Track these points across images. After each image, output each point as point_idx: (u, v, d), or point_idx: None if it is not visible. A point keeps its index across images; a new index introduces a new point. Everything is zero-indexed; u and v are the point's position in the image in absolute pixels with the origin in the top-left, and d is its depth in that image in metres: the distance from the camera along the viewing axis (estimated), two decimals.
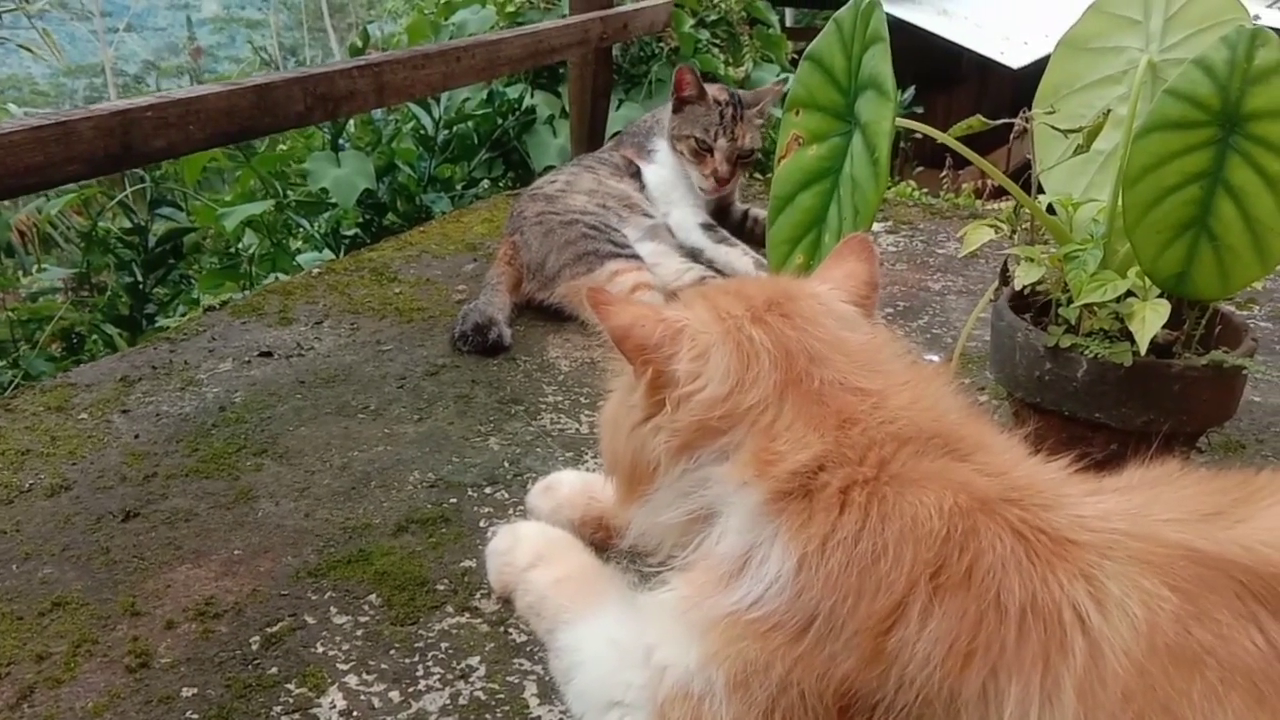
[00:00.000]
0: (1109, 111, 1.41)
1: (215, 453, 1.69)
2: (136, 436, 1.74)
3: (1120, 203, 1.49)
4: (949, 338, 2.16)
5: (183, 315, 3.35)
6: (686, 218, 2.55)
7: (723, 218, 2.72)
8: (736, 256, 2.46)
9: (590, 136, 3.22)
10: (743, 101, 2.58)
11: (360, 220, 3.63)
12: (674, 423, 1.00)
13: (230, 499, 1.56)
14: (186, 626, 1.28)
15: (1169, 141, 1.30)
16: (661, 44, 4.32)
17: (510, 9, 4.24)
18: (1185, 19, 1.50)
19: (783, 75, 4.77)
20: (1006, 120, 1.47)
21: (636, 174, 2.60)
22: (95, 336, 3.34)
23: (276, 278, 3.45)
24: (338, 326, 2.21)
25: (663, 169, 2.60)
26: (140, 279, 3.51)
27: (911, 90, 6.54)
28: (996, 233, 1.54)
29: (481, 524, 1.50)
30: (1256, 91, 1.23)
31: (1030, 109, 1.51)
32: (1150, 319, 1.33)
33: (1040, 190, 1.55)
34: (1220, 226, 1.30)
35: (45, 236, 4.11)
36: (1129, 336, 1.38)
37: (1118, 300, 1.39)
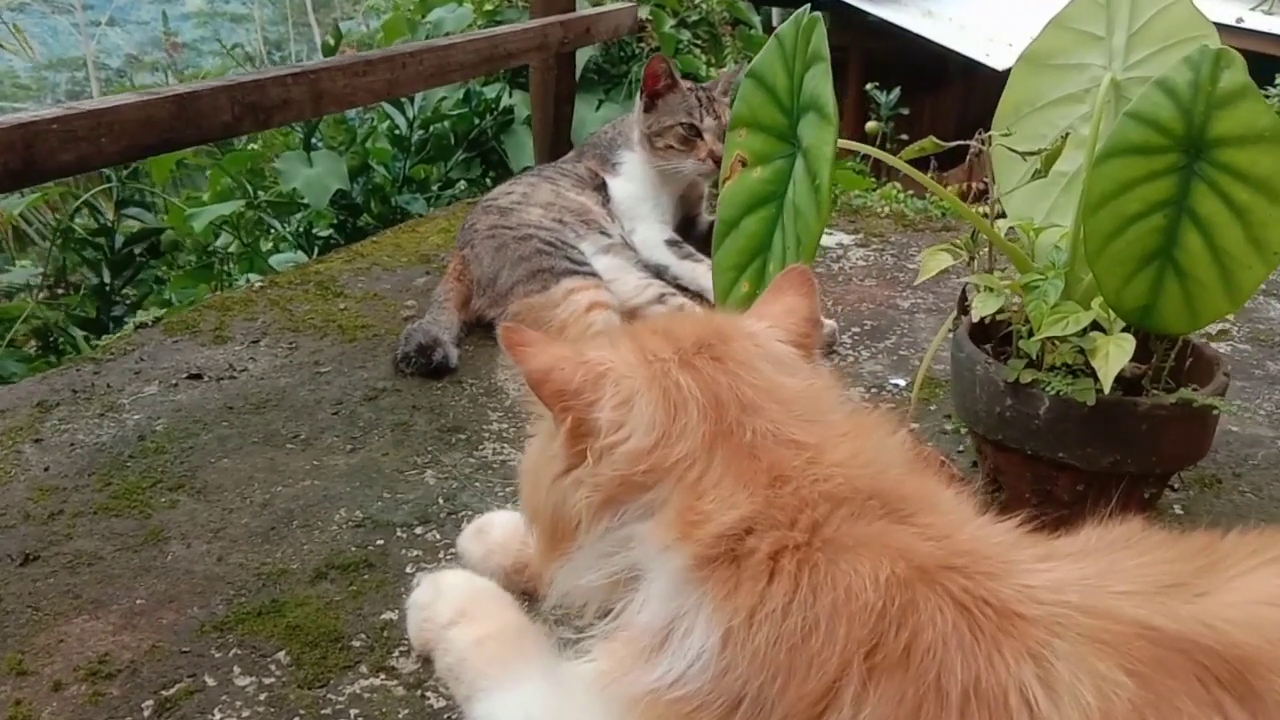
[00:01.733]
0: (1068, 134, 1.34)
1: (129, 487, 1.61)
2: (46, 469, 1.66)
3: (1078, 227, 1.43)
4: (916, 359, 2.09)
5: (154, 317, 3.29)
6: (652, 234, 2.48)
7: (689, 229, 2.65)
8: (702, 273, 2.39)
9: (554, 143, 3.14)
10: (707, 87, 2.53)
11: (334, 221, 3.58)
12: (595, 476, 0.93)
13: (139, 540, 1.48)
14: (75, 689, 1.20)
15: (1131, 167, 1.23)
16: (642, 44, 4.27)
17: (488, 7, 4.18)
18: (1149, 35, 1.43)
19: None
20: (963, 142, 1.40)
21: (601, 187, 2.52)
22: (62, 340, 3.28)
23: (248, 279, 3.37)
24: (275, 346, 2.13)
25: (629, 183, 2.53)
26: (107, 280, 3.43)
27: (896, 92, 6.50)
28: (955, 258, 1.47)
29: (408, 569, 1.42)
30: (1222, 116, 1.16)
31: (989, 129, 1.44)
32: (1114, 355, 1.27)
33: (1001, 214, 1.49)
34: (1186, 258, 1.23)
35: (20, 233, 4.02)
36: (1094, 371, 1.31)
37: (1081, 334, 1.33)
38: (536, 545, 1.07)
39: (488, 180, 3.80)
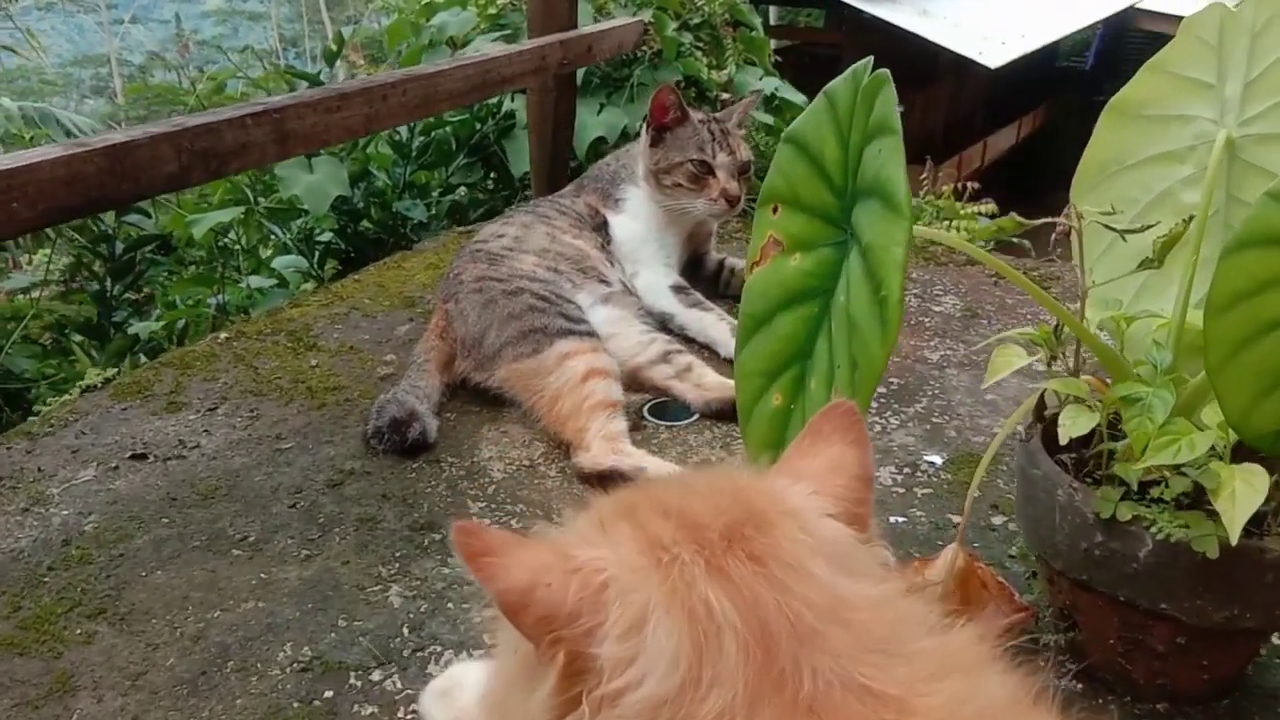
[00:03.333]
0: (1190, 219, 1.04)
1: (41, 613, 1.32)
2: None
3: (1184, 316, 1.13)
4: (951, 429, 1.80)
5: (157, 321, 3.18)
6: (656, 279, 2.18)
7: (696, 269, 2.35)
8: (711, 323, 2.09)
9: (552, 169, 2.84)
10: (720, 118, 2.22)
11: (335, 226, 3.37)
12: None
13: (42, 692, 1.19)
14: None
15: (1272, 262, 0.93)
16: (644, 47, 4.03)
17: (491, 10, 3.93)
18: (1272, 83, 1.13)
19: (764, 79, 4.50)
20: (1048, 220, 1.10)
21: (601, 226, 2.22)
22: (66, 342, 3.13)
23: (248, 284, 3.28)
24: (234, 414, 1.83)
25: (633, 221, 2.23)
26: (108, 287, 3.27)
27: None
28: (1030, 355, 1.17)
29: None
30: None
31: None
32: (1244, 496, 0.97)
33: (1088, 298, 1.18)
34: None
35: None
36: (1206, 502, 1.02)
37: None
38: None
39: (489, 182, 3.62)
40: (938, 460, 1.70)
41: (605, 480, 1.60)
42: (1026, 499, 1.18)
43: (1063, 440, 1.06)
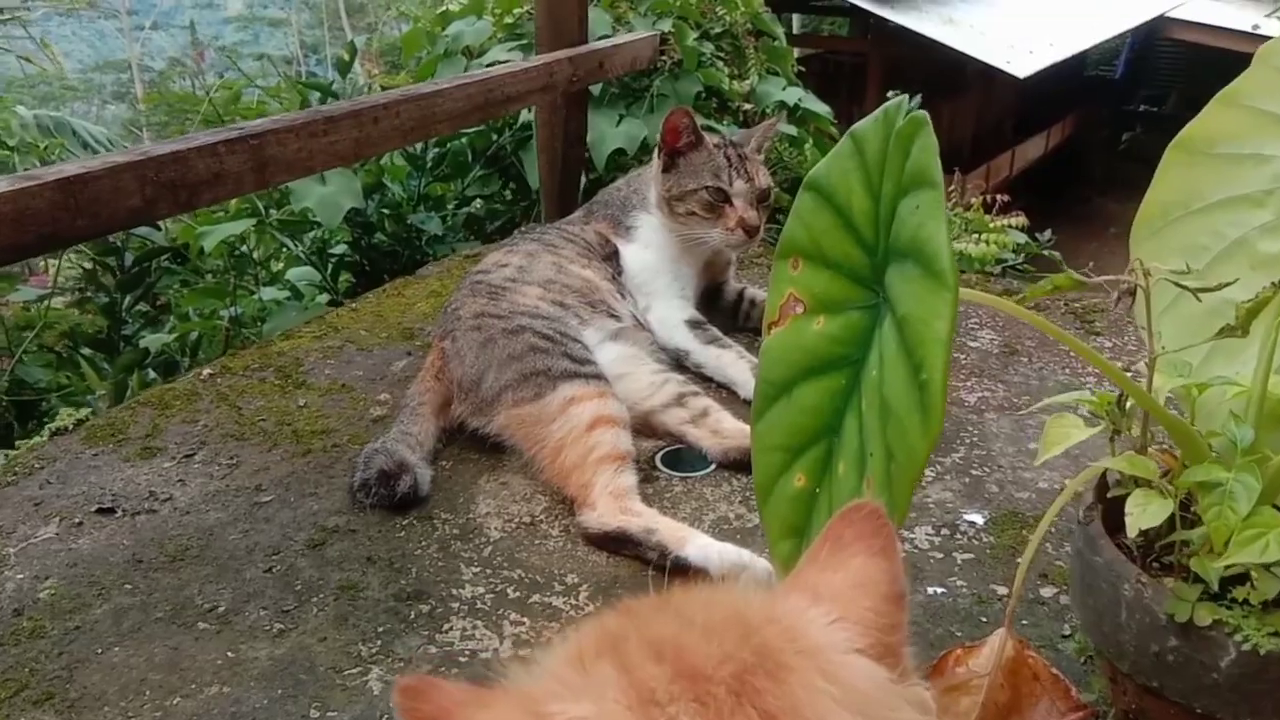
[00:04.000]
0: (1278, 286, 0.92)
1: None
2: None
3: (1265, 383, 1.00)
4: (992, 483, 1.67)
5: (170, 333, 3.18)
6: (671, 313, 2.06)
7: (714, 300, 2.24)
8: (730, 361, 1.97)
9: (562, 191, 2.73)
10: (737, 142, 2.10)
11: (349, 239, 3.34)
12: None
13: None
14: None
15: None
16: (664, 57, 3.96)
17: (508, 20, 3.87)
18: None
19: (787, 89, 4.42)
20: (1112, 278, 0.97)
21: (612, 256, 2.11)
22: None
23: (259, 296, 3.27)
24: (213, 461, 1.73)
25: (645, 250, 2.11)
26: (117, 299, 3.24)
27: (917, 99, 6.23)
28: (1090, 427, 1.04)
29: None
30: None
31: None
32: None
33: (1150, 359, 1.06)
34: None
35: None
36: None
37: None
38: None
39: (506, 193, 3.57)
40: (979, 520, 1.57)
41: (612, 542, 1.49)
42: (1086, 588, 1.05)
43: (1131, 533, 0.94)
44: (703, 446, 1.73)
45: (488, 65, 2.59)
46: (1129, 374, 1.39)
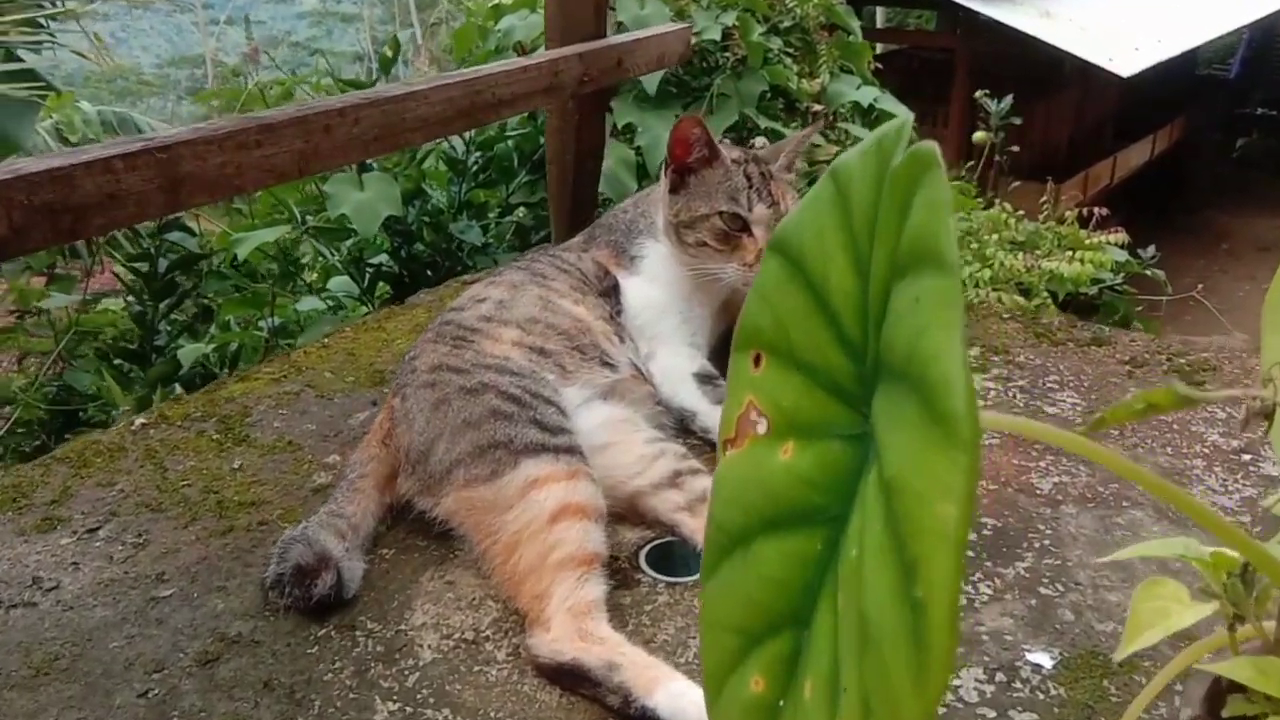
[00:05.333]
0: None
1: None
2: None
3: None
4: (1067, 608, 1.35)
5: (209, 343, 3.14)
6: (677, 363, 1.78)
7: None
8: None
9: (574, 211, 2.47)
10: (762, 159, 1.82)
11: (389, 248, 3.25)
12: None
13: None
14: None
15: None
16: (727, 53, 3.73)
17: None
18: None
19: (862, 88, 4.16)
20: (1233, 394, 0.67)
21: (611, 291, 1.84)
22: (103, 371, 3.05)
23: (295, 307, 3.22)
24: (118, 538, 1.50)
25: (651, 286, 1.84)
26: (149, 308, 3.21)
27: (1009, 100, 5.93)
28: (1193, 612, 0.74)
29: None
30: None
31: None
32: None
33: None
34: None
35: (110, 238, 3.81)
36: None
37: None
38: None
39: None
40: (1046, 662, 1.26)
41: (566, 676, 1.22)
42: None
43: None
44: (697, 542, 1.44)
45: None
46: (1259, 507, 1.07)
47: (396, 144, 1.79)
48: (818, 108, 4.43)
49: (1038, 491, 1.62)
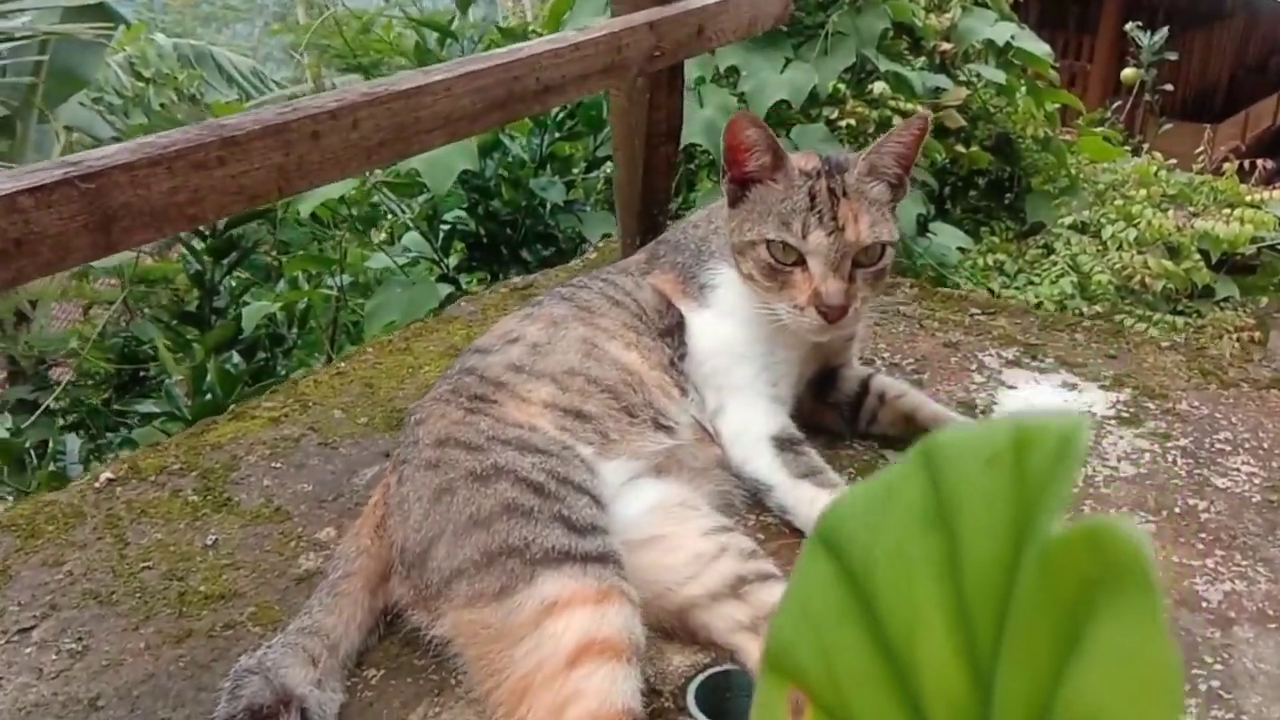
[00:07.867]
0: None
1: None
2: None
3: None
4: None
5: (276, 301, 3.09)
6: (753, 421, 1.51)
7: (825, 390, 1.68)
8: None
9: (645, 209, 2.19)
10: (839, 165, 1.51)
11: (465, 205, 3.14)
12: None
13: None
14: None
15: None
16: None
17: None
18: None
19: (998, 24, 3.84)
20: None
21: (674, 330, 1.58)
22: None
23: (366, 269, 3.22)
24: (53, 642, 1.30)
25: (724, 323, 1.56)
26: (208, 267, 3.15)
27: (1164, 32, 5.54)
28: None
29: None
30: None
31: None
32: None
33: None
34: None
35: None
36: None
37: None
38: None
39: None
40: None
41: None
42: None
43: None
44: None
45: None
46: None
47: (409, 148, 1.54)
48: (946, 46, 4.06)
49: (1205, 603, 1.32)
